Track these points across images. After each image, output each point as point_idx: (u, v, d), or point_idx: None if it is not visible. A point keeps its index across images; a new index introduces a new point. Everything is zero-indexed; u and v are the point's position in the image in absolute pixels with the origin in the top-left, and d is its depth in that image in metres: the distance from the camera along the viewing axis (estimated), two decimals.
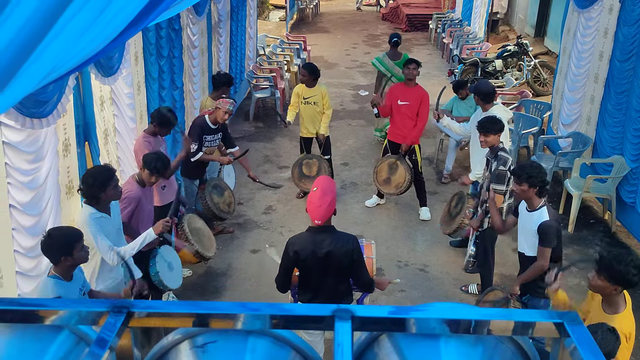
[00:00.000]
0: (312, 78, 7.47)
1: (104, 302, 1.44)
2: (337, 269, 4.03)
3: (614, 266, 3.41)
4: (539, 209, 4.49)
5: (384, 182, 7.38)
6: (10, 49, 1.59)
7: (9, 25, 1.49)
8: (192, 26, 7.92)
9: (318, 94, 7.50)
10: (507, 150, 5.50)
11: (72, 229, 3.81)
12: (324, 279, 4.06)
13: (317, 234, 3.99)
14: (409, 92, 7.19)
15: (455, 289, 6.15)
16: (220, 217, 6.46)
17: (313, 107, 7.52)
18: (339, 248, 3.95)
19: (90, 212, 4.18)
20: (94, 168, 4.39)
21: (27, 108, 3.73)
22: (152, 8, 2.64)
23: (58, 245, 3.57)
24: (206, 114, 6.31)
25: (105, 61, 4.94)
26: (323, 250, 3.94)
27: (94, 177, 4.13)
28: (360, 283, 4.17)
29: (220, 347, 1.44)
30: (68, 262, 3.60)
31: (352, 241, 4.01)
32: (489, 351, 1.39)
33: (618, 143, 7.08)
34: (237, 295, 6.00)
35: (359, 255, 4.03)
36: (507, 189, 5.35)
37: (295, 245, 4.00)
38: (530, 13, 15.78)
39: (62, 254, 3.57)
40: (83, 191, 4.20)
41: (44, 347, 1.43)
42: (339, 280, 4.12)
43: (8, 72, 1.69)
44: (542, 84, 12.01)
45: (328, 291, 4.11)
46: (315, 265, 3.99)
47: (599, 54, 7.62)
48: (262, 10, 19.96)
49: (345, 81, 13.55)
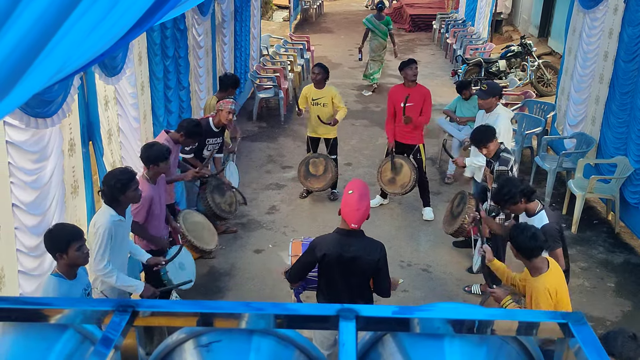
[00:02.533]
0: (325, 77, 7.46)
1: (108, 301, 1.45)
2: (360, 274, 3.98)
3: (527, 243, 3.79)
4: (537, 214, 4.50)
5: (388, 182, 7.37)
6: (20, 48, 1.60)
7: (19, 25, 1.50)
8: (197, 26, 7.93)
9: (327, 95, 7.48)
10: (509, 150, 5.47)
11: (73, 226, 3.79)
12: (344, 283, 4.02)
13: (345, 237, 3.93)
14: (410, 93, 7.17)
15: (458, 289, 6.14)
16: (221, 217, 6.45)
17: (322, 109, 7.50)
18: (365, 255, 3.90)
19: (111, 213, 4.18)
20: (116, 170, 4.35)
21: (31, 108, 3.74)
22: (157, 8, 2.65)
23: (55, 240, 3.56)
24: (210, 117, 6.30)
25: (109, 61, 4.95)
26: (349, 254, 3.89)
27: (116, 178, 4.13)
28: (379, 288, 4.12)
29: (224, 346, 1.45)
30: (63, 259, 3.58)
31: (380, 249, 3.95)
32: (493, 351, 1.39)
33: (622, 143, 7.07)
34: (240, 295, 6.01)
35: (384, 263, 3.97)
36: None
37: (322, 246, 3.94)
38: (534, 13, 15.75)
39: (56, 250, 3.56)
40: (104, 192, 4.20)
41: (49, 345, 1.44)
42: (360, 286, 4.07)
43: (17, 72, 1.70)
44: (545, 85, 12.00)
45: (347, 296, 4.05)
46: (338, 268, 3.95)
47: (603, 55, 7.61)
48: (266, 11, 19.97)
49: (349, 81, 13.55)
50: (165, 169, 4.89)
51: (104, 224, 4.13)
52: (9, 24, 1.46)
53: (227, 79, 7.00)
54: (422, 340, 1.40)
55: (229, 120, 6.25)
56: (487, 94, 6.21)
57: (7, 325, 1.47)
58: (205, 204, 6.25)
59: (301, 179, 7.75)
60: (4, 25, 1.47)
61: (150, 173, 4.85)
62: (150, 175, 4.85)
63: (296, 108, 7.92)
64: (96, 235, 4.11)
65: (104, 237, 4.11)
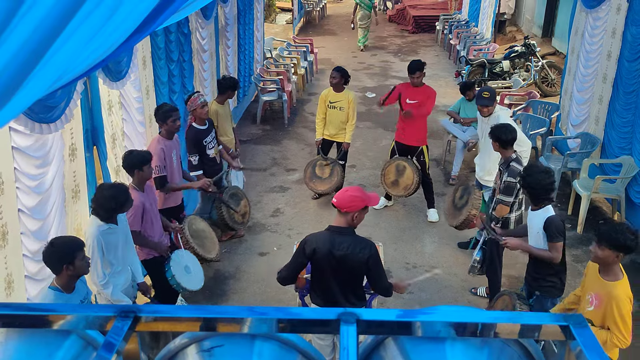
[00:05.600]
0: (343, 81, 7.42)
1: (111, 306, 1.45)
2: (350, 273, 4.00)
3: (613, 235, 3.74)
4: (543, 206, 4.50)
5: (391, 184, 7.37)
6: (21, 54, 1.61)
7: (20, 31, 1.51)
8: (201, 30, 7.96)
9: (345, 99, 7.46)
10: (520, 161, 5.32)
11: (74, 237, 3.82)
12: (335, 281, 4.03)
13: (336, 235, 3.95)
14: (416, 92, 7.18)
15: (464, 291, 6.13)
16: (232, 228, 6.49)
17: (339, 112, 7.50)
18: (356, 253, 3.91)
19: (98, 224, 4.20)
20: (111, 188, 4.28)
21: (35, 113, 3.76)
22: (159, 12, 2.66)
23: (61, 253, 3.56)
24: (191, 122, 6.30)
25: (114, 66, 4.97)
26: (339, 252, 3.91)
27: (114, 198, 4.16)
28: (378, 288, 4.12)
29: (227, 351, 1.45)
30: (70, 271, 3.59)
31: (370, 248, 3.95)
32: (495, 354, 1.39)
33: (627, 143, 7.05)
34: (245, 298, 6.01)
35: (375, 262, 3.97)
36: (515, 200, 5.33)
37: (312, 243, 3.97)
38: (537, 13, 15.72)
39: (64, 263, 3.57)
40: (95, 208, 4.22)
41: (52, 351, 1.45)
42: (351, 284, 4.09)
43: (18, 78, 1.71)
44: (549, 85, 11.96)
45: (339, 293, 4.08)
46: (328, 266, 3.97)
47: (607, 54, 7.59)
48: (269, 13, 20.01)
49: (352, 83, 13.48)
50: (149, 173, 4.87)
51: (91, 234, 4.18)
52: (9, 30, 1.47)
53: (225, 82, 6.99)
54: (424, 343, 1.40)
55: (206, 112, 6.25)
56: (491, 100, 6.25)
57: (11, 331, 1.48)
58: (220, 214, 6.25)
59: (306, 179, 7.74)
60: (5, 31, 1.48)
61: (135, 180, 4.83)
62: (136, 182, 4.83)
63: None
64: (88, 247, 4.15)
65: (94, 248, 4.16)
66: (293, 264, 4.11)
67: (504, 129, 5.27)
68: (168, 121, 5.47)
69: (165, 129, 5.52)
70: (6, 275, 3.80)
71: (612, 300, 3.76)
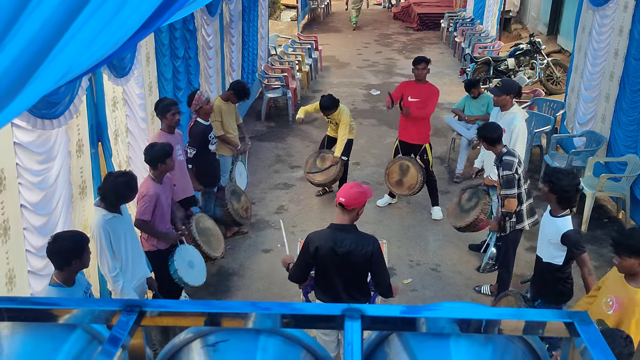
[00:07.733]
0: (329, 113, 7.39)
1: (116, 301, 1.46)
2: (353, 269, 4.00)
3: (629, 242, 3.70)
4: (561, 216, 4.45)
5: (396, 183, 7.37)
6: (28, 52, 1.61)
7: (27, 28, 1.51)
8: (206, 27, 7.96)
9: (334, 118, 7.46)
10: (512, 152, 5.35)
11: (79, 232, 3.83)
12: (339, 278, 4.04)
13: (338, 232, 3.97)
14: (419, 89, 7.16)
15: (468, 288, 6.13)
16: (239, 223, 6.59)
17: (333, 125, 7.62)
18: (359, 249, 3.92)
19: (102, 213, 4.22)
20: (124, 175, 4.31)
21: (38, 109, 3.77)
22: (165, 8, 2.66)
23: (70, 247, 3.55)
24: (195, 119, 6.31)
25: (118, 62, 4.98)
26: (342, 249, 3.92)
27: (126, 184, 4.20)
28: (379, 285, 4.12)
29: (231, 346, 1.45)
30: (76, 265, 3.60)
31: (373, 243, 3.97)
32: (499, 351, 1.39)
33: (632, 141, 7.02)
34: (248, 294, 6.03)
35: (378, 257, 3.98)
36: (519, 191, 5.30)
37: (315, 241, 3.99)
38: (542, 11, 15.67)
39: (73, 256, 3.57)
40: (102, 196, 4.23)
41: (57, 345, 1.45)
42: (356, 281, 4.09)
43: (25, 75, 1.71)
44: (555, 83, 11.92)
45: (343, 290, 4.09)
46: (331, 263, 3.98)
47: (614, 52, 7.56)
48: (274, 10, 20.00)
49: (357, 80, 13.53)
50: (171, 165, 4.94)
51: (97, 224, 4.19)
52: (16, 27, 1.47)
53: (236, 86, 6.95)
54: (428, 339, 1.40)
55: (210, 107, 6.30)
56: (501, 90, 6.08)
57: (16, 325, 1.49)
58: (225, 211, 6.33)
59: (306, 169, 7.69)
60: (12, 28, 1.48)
61: (156, 173, 4.87)
62: (156, 174, 4.88)
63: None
64: (95, 238, 4.16)
65: (101, 238, 4.16)
66: (300, 263, 4.14)
67: (489, 128, 5.40)
68: (167, 115, 5.54)
69: (165, 123, 5.61)
70: (8, 271, 3.81)
71: (636, 307, 3.73)
